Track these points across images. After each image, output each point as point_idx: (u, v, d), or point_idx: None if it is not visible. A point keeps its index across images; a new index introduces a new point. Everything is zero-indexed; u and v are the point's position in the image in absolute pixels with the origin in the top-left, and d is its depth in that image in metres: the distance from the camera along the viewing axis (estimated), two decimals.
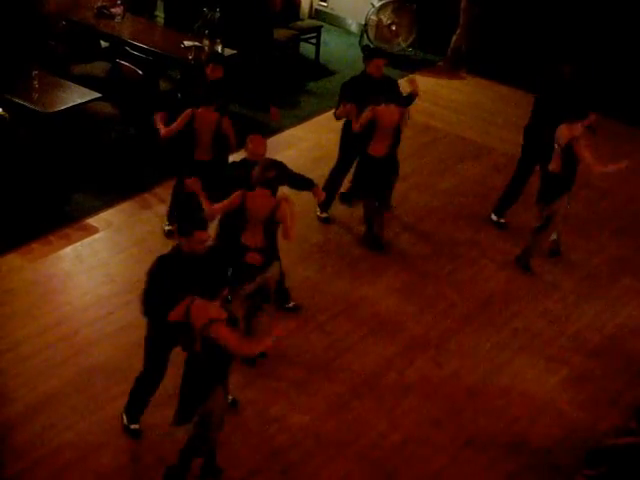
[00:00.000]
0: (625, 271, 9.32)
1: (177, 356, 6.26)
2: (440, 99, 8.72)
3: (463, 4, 12.94)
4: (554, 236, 9.20)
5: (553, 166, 8.52)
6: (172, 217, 8.91)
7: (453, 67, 13.36)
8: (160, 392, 6.65)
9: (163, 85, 10.60)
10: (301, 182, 7.90)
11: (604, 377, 7.90)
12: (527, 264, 9.17)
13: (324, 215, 9.54)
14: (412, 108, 9.10)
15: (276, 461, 6.61)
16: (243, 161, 7.57)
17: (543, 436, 7.22)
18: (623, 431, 7.07)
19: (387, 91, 8.80)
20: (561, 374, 7.90)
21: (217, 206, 7.05)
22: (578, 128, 8.40)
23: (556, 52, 12.27)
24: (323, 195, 8.31)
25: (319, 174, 10.38)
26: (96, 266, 8.61)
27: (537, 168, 9.27)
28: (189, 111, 8.21)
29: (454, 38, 13.26)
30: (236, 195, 7.04)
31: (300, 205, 7.69)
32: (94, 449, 6.65)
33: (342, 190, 9.45)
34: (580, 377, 7.89)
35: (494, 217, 9.79)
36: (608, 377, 7.91)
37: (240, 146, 8.01)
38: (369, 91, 8.71)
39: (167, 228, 8.98)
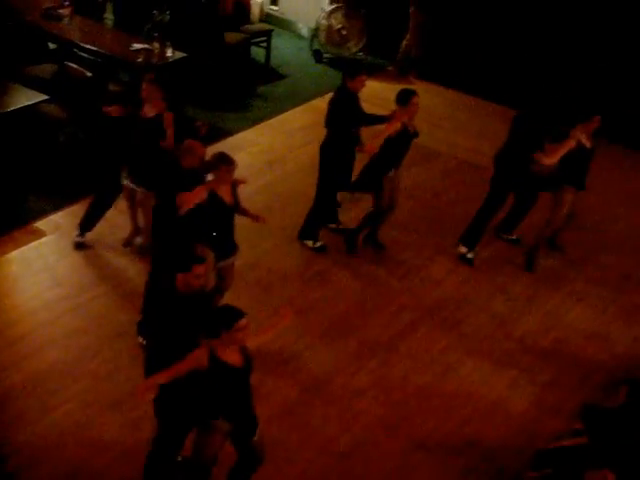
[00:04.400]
0: (572, 275, 9.45)
1: None
2: (389, 103, 8.74)
3: (412, 10, 13.03)
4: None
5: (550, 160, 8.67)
6: (84, 227, 8.83)
7: (402, 72, 13.45)
8: None
9: (112, 87, 10.51)
10: None
11: (551, 379, 8.01)
12: (531, 264, 9.34)
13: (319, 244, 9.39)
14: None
15: (222, 466, 6.58)
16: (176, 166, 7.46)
17: (491, 438, 7.30)
18: (568, 433, 7.17)
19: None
20: (509, 376, 7.99)
21: (189, 196, 7.04)
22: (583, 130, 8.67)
23: (507, 57, 12.54)
24: None
25: (271, 177, 10.43)
26: (44, 270, 8.51)
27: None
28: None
29: (403, 43, 13.36)
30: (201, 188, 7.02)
31: (256, 210, 7.68)
32: (42, 455, 6.57)
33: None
34: (528, 379, 7.98)
35: (462, 249, 9.40)
36: (555, 379, 8.02)
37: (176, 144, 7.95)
38: (358, 108, 8.70)
39: (78, 240, 8.85)
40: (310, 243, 9.28)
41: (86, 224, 8.82)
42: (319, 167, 8.96)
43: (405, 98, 8.55)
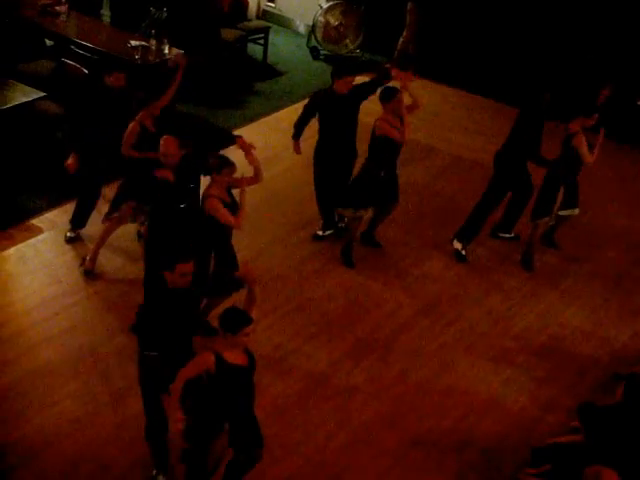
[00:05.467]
0: (569, 271, 9.46)
1: None
2: None
3: (409, 6, 13.02)
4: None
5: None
6: (76, 224, 8.83)
7: (400, 69, 13.40)
8: None
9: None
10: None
11: (547, 376, 8.02)
12: (530, 262, 9.36)
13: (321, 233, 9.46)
14: (362, 110, 9.12)
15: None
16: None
17: (488, 435, 7.30)
18: (565, 430, 7.18)
19: (354, 103, 8.81)
20: (505, 374, 8.00)
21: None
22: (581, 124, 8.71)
23: (505, 54, 12.53)
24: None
25: (267, 175, 10.37)
26: (40, 267, 8.50)
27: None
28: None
29: (401, 40, 13.34)
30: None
31: (252, 207, 7.67)
32: (38, 452, 6.58)
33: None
34: (524, 376, 7.99)
35: (457, 245, 9.40)
36: (551, 377, 8.02)
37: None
38: (337, 107, 8.73)
39: (69, 235, 8.87)
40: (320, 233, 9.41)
41: (76, 220, 8.82)
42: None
43: (388, 95, 8.57)
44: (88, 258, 8.51)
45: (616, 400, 6.87)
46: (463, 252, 9.36)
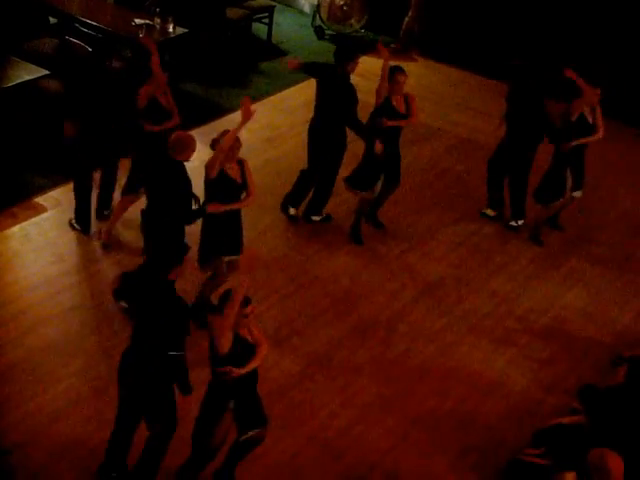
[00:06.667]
0: (572, 253, 9.45)
1: None
2: None
3: None
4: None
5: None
6: (80, 218, 8.74)
7: (405, 49, 13.37)
8: None
9: (114, 63, 10.44)
10: None
11: (550, 357, 8.03)
12: (538, 237, 9.42)
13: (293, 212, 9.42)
14: (363, 89, 9.10)
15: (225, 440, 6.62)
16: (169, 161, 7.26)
17: (490, 416, 7.32)
18: (567, 411, 7.20)
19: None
20: (508, 354, 8.01)
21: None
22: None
23: (510, 35, 12.46)
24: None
25: (271, 154, 10.42)
26: (44, 245, 8.51)
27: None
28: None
29: (406, 20, 13.28)
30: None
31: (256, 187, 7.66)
32: (40, 431, 6.61)
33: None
34: (527, 358, 8.00)
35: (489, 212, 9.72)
36: (554, 357, 8.04)
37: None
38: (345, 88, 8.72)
39: (78, 226, 8.80)
40: (317, 218, 9.31)
41: (80, 218, 8.72)
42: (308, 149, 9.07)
43: (389, 74, 8.54)
44: (104, 230, 8.58)
45: (618, 382, 6.89)
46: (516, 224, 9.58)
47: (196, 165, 7.80)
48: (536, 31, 12.33)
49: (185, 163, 7.24)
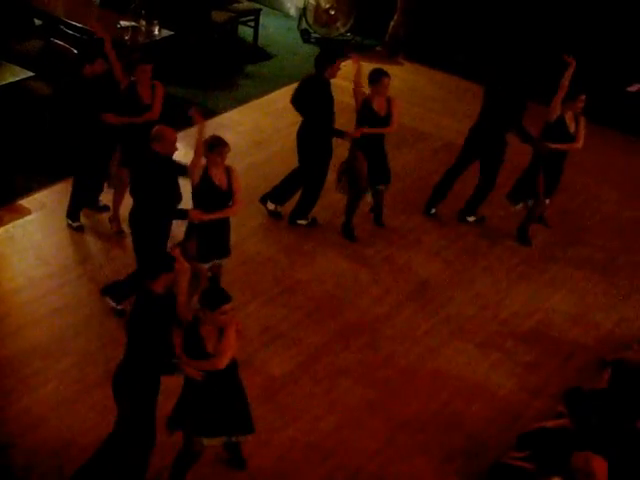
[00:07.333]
0: (558, 257, 9.48)
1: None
2: None
3: None
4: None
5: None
6: (72, 213, 8.77)
7: (391, 53, 13.40)
8: None
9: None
10: None
11: (534, 361, 8.05)
12: (526, 237, 9.44)
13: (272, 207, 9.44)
14: (349, 93, 9.12)
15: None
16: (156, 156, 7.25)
17: (474, 419, 7.33)
18: (552, 414, 7.21)
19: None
20: (492, 358, 8.02)
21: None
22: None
23: (496, 38, 12.50)
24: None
25: (257, 157, 10.41)
26: (28, 248, 8.48)
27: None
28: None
29: (392, 24, 13.31)
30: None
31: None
32: (25, 433, 6.58)
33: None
34: (512, 361, 8.02)
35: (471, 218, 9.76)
36: (538, 361, 8.06)
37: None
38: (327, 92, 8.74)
39: (76, 224, 8.81)
40: (303, 222, 9.32)
41: (72, 210, 8.77)
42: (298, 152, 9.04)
43: (376, 78, 8.60)
44: (111, 217, 8.72)
45: (602, 386, 6.91)
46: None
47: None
48: (522, 35, 12.37)
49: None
